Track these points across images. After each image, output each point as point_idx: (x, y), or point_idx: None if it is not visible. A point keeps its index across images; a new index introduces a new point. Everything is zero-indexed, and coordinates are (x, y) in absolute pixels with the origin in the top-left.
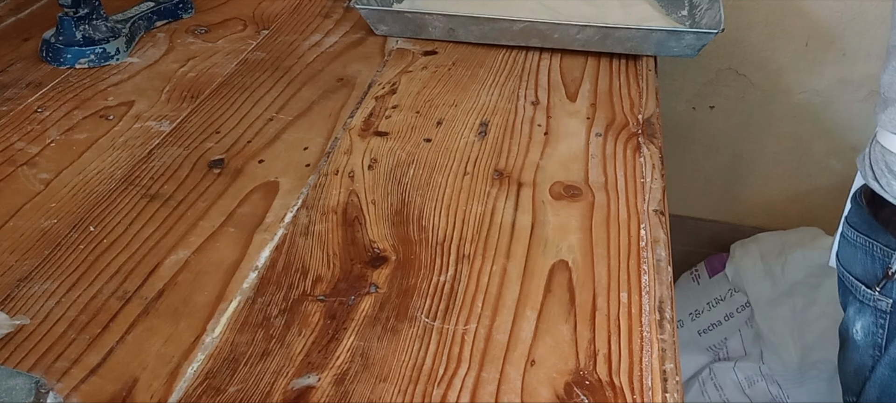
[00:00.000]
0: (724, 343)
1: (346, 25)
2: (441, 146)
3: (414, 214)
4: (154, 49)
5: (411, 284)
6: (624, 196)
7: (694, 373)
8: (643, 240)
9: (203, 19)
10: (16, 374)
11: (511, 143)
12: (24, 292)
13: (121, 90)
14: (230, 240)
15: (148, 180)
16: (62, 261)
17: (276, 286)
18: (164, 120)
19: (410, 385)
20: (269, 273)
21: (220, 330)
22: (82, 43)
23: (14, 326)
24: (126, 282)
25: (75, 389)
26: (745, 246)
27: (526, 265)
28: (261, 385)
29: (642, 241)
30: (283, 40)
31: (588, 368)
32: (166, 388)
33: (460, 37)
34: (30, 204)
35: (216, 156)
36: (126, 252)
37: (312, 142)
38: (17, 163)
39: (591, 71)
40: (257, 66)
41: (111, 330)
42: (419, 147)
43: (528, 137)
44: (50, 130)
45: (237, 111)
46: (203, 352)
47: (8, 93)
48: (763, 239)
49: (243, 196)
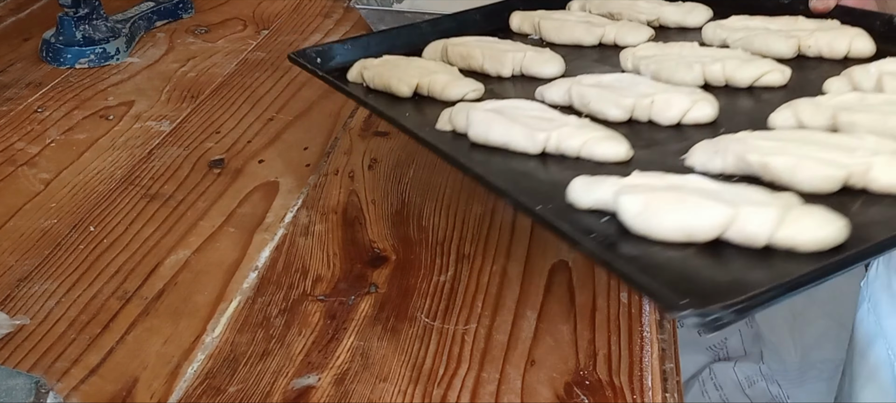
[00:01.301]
0: (723, 342)
1: (346, 25)
2: None
3: (414, 214)
4: (154, 49)
5: (411, 284)
6: None
7: (694, 373)
8: None
9: (203, 19)
10: (16, 374)
11: None
12: (24, 292)
13: (121, 90)
14: (230, 240)
15: (148, 180)
16: (62, 261)
17: (276, 286)
18: (164, 120)
19: (411, 385)
20: (269, 273)
21: (220, 329)
22: (82, 43)
23: (14, 326)
24: (126, 282)
25: (75, 389)
26: None
27: (526, 265)
28: (261, 385)
29: None
30: (283, 40)
31: (588, 368)
32: (166, 388)
33: None
34: (30, 204)
35: (216, 156)
36: (126, 252)
37: (312, 142)
38: (17, 163)
39: None
40: (257, 66)
41: (111, 329)
42: (419, 147)
43: None
44: (50, 130)
45: (237, 111)
46: (203, 352)
47: (8, 93)
48: None
49: (243, 196)
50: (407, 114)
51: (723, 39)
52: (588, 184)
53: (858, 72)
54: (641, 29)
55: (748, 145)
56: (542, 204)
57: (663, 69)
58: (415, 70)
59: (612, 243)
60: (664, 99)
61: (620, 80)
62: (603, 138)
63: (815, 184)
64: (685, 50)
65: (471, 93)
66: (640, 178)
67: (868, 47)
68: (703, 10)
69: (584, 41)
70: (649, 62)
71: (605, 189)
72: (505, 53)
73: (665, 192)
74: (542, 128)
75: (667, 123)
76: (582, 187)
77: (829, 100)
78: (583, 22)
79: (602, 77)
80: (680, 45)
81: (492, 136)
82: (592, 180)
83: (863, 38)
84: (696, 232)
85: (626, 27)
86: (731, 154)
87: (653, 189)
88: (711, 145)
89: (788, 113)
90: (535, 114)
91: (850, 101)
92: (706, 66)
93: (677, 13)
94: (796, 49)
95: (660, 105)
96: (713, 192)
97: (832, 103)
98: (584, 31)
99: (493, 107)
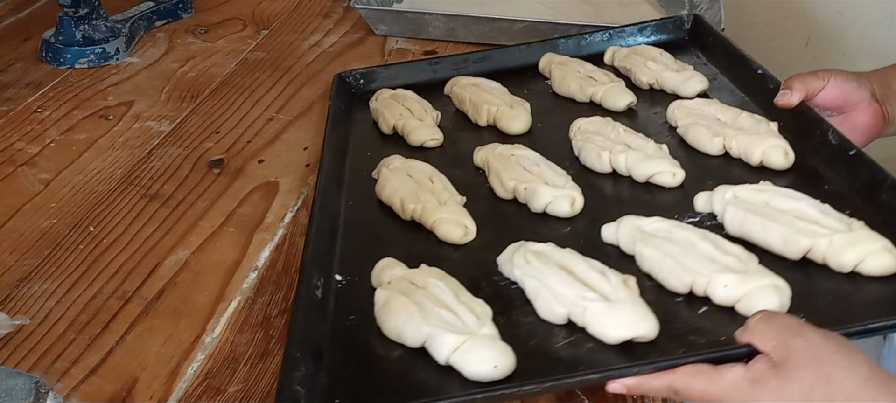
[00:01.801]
0: None
1: (346, 25)
2: None
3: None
4: (154, 49)
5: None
6: None
7: None
8: None
9: (203, 19)
10: (16, 374)
11: None
12: (24, 292)
13: (120, 90)
14: (230, 240)
15: (148, 180)
16: (62, 261)
17: (276, 286)
18: (164, 120)
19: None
20: (269, 273)
21: (219, 330)
22: (82, 43)
23: (14, 326)
24: (126, 282)
25: (75, 389)
26: None
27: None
28: (261, 385)
29: None
30: (283, 40)
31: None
32: (166, 388)
33: (460, 36)
34: (30, 204)
35: (216, 156)
36: (126, 252)
37: (312, 142)
38: (17, 163)
39: None
40: (257, 66)
41: (111, 329)
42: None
43: None
44: (50, 130)
45: (237, 111)
46: (203, 352)
47: (8, 93)
48: None
49: (243, 196)
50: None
51: (676, 121)
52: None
53: (720, 191)
54: (623, 96)
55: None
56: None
57: (584, 150)
58: (397, 112)
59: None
60: (532, 188)
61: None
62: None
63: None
64: (613, 133)
65: (429, 141)
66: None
67: (779, 161)
68: (697, 82)
69: (576, 97)
70: (582, 138)
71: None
72: (482, 105)
73: (399, 298)
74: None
75: (535, 211)
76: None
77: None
78: (583, 77)
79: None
80: (614, 127)
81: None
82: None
83: (776, 152)
84: (406, 340)
85: (611, 92)
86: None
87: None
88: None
89: (613, 226)
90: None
91: (659, 231)
92: (614, 156)
93: (675, 80)
94: (722, 148)
95: (530, 193)
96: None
97: (650, 229)
98: (577, 88)
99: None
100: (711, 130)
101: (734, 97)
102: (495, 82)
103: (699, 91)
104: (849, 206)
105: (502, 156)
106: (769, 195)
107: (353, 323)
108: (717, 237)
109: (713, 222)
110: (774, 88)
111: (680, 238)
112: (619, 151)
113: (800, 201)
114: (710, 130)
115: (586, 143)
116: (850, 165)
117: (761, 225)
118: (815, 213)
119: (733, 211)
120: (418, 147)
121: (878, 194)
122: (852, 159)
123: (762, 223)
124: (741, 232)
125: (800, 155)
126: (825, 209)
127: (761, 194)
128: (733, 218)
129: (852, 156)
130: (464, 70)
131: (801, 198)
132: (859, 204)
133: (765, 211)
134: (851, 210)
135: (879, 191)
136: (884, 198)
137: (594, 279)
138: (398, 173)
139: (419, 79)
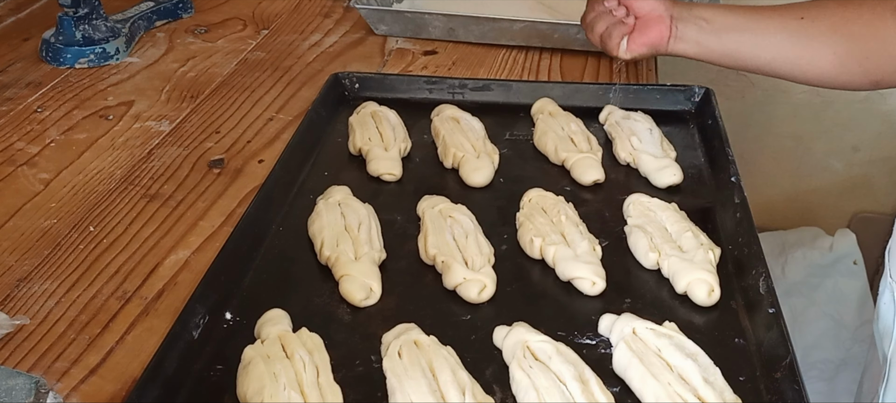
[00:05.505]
0: None
1: (346, 25)
2: None
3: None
4: (154, 49)
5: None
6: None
7: None
8: None
9: (203, 19)
10: (16, 374)
11: None
12: (24, 292)
13: (120, 90)
14: None
15: (148, 180)
16: (62, 261)
17: None
18: (164, 120)
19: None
20: None
21: None
22: (82, 43)
23: (14, 326)
24: (126, 282)
25: (75, 389)
26: None
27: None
28: None
29: None
30: (283, 40)
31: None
32: None
33: (460, 36)
34: (30, 204)
35: (216, 156)
36: (126, 252)
37: None
38: (17, 163)
39: (592, 71)
40: (257, 66)
41: (111, 329)
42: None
43: None
44: (50, 130)
45: (237, 111)
46: None
47: (8, 92)
48: (763, 239)
49: (243, 196)
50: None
51: (628, 215)
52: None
53: (623, 321)
54: (591, 171)
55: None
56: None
57: (521, 229)
58: (368, 134)
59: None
60: (448, 263)
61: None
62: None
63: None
64: (556, 217)
65: (386, 175)
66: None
67: (701, 297)
68: (671, 174)
69: (550, 157)
70: (525, 215)
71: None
72: (450, 147)
73: (259, 365)
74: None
75: (447, 287)
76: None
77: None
78: (562, 138)
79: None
80: (563, 209)
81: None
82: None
83: (701, 287)
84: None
85: (580, 164)
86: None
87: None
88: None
89: (504, 331)
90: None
91: (541, 352)
92: (546, 246)
93: (650, 166)
94: (655, 263)
95: (445, 267)
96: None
97: (535, 347)
98: (552, 149)
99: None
100: (651, 242)
101: (702, 198)
102: (477, 121)
103: (670, 184)
104: (747, 371)
105: (439, 216)
106: (666, 341)
107: (216, 375)
108: (592, 379)
109: (607, 350)
110: (740, 203)
111: (555, 370)
112: (551, 243)
113: (690, 360)
114: (651, 242)
115: (526, 223)
116: (766, 322)
117: (641, 376)
118: (698, 379)
119: (624, 349)
120: (376, 177)
121: (774, 369)
122: (770, 317)
123: (642, 375)
124: (624, 375)
125: (727, 293)
126: (714, 376)
127: (659, 339)
128: (621, 357)
129: (771, 314)
130: (460, 96)
131: (697, 353)
132: (756, 371)
133: (651, 360)
134: (747, 376)
135: (776, 368)
136: (777, 376)
137: (451, 396)
138: (332, 210)
139: (414, 96)
